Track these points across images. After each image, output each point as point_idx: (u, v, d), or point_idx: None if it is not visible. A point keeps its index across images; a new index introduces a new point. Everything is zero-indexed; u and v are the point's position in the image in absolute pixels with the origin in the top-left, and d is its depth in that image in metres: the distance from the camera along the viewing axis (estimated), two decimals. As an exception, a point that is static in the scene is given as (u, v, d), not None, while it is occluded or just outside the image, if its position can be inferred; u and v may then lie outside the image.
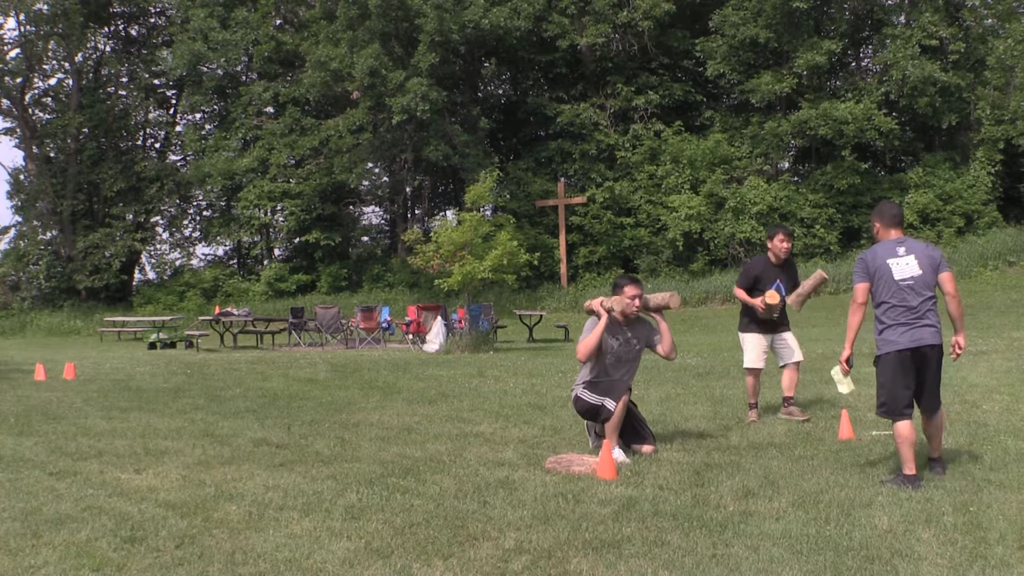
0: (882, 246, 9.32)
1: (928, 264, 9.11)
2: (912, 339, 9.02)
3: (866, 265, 9.26)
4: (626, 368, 10.70)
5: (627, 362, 10.72)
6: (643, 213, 46.01)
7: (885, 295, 9.10)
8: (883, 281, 9.13)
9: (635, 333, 10.79)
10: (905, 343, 9.02)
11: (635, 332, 10.80)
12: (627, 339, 10.68)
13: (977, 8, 46.00)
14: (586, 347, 10.52)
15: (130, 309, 49.35)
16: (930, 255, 9.21)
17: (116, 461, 10.63)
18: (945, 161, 45.04)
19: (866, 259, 9.30)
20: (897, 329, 9.05)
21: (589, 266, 46.43)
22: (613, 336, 10.62)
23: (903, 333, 9.03)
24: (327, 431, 12.45)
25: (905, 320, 9.04)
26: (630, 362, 10.77)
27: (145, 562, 7.00)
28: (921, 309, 9.04)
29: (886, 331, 9.12)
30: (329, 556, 7.02)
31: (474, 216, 28.61)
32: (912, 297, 9.04)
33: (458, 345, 26.49)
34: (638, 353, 10.88)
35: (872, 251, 9.35)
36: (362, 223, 56.95)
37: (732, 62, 46.04)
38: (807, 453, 10.27)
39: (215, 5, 50.15)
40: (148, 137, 58.30)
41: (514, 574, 6.62)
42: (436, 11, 42.27)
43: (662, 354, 10.90)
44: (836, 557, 6.75)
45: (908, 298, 9.04)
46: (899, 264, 9.11)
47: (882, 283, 9.13)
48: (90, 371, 21.81)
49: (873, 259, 9.25)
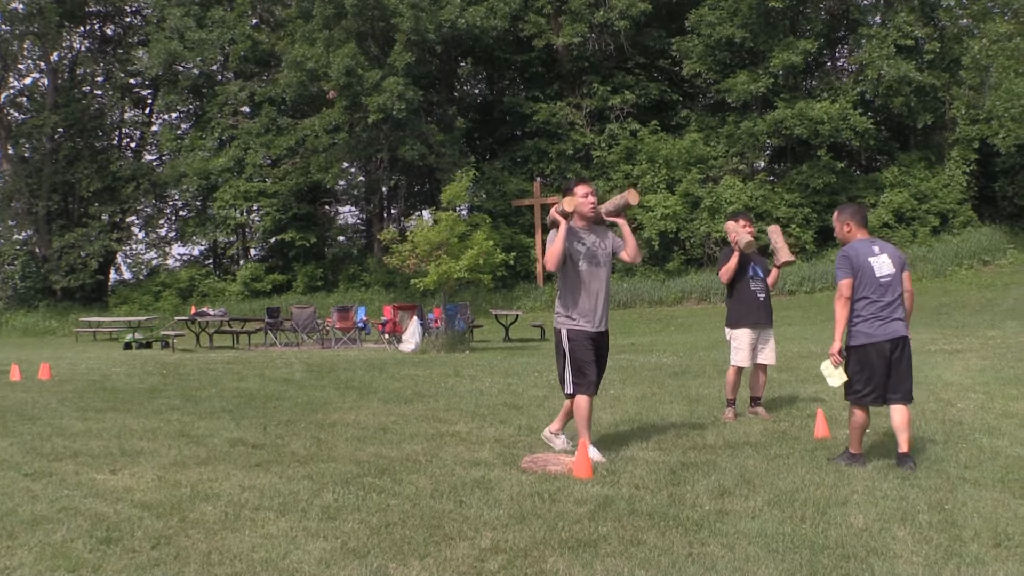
0: (860, 244, 9.79)
1: (898, 264, 9.73)
2: (887, 332, 9.56)
3: (851, 262, 9.69)
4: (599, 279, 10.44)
5: (598, 267, 10.44)
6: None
7: (866, 290, 9.61)
8: (865, 277, 9.62)
9: (598, 237, 10.59)
10: (881, 336, 9.55)
11: (598, 236, 10.59)
12: (591, 244, 10.48)
13: (952, 8, 46.15)
14: (552, 254, 10.27)
15: (106, 309, 49.21)
16: (898, 255, 9.85)
17: (92, 462, 10.59)
18: (920, 160, 45.23)
19: (850, 256, 9.73)
20: (874, 323, 9.57)
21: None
22: (578, 241, 10.43)
23: (880, 326, 9.56)
24: (303, 431, 12.43)
25: (881, 314, 9.57)
26: (600, 267, 10.47)
27: (121, 563, 6.98)
28: (894, 304, 9.61)
29: (862, 324, 9.63)
30: (305, 556, 7.00)
31: (450, 216, 28.61)
32: (888, 293, 9.59)
33: (434, 345, 26.47)
34: (607, 258, 10.58)
35: (853, 248, 9.79)
36: (338, 223, 56.97)
37: (708, 62, 46.17)
38: (783, 452, 10.29)
39: (191, 4, 49.95)
40: (124, 137, 58.22)
41: (490, 573, 6.62)
42: (412, 10, 42.20)
43: (627, 259, 10.68)
44: (812, 555, 6.76)
45: (885, 294, 9.58)
46: (877, 262, 9.63)
47: (864, 279, 9.62)
48: (66, 371, 21.75)
49: (856, 256, 9.69)
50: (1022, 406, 12.67)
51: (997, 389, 14.10)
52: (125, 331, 36.06)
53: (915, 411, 12.38)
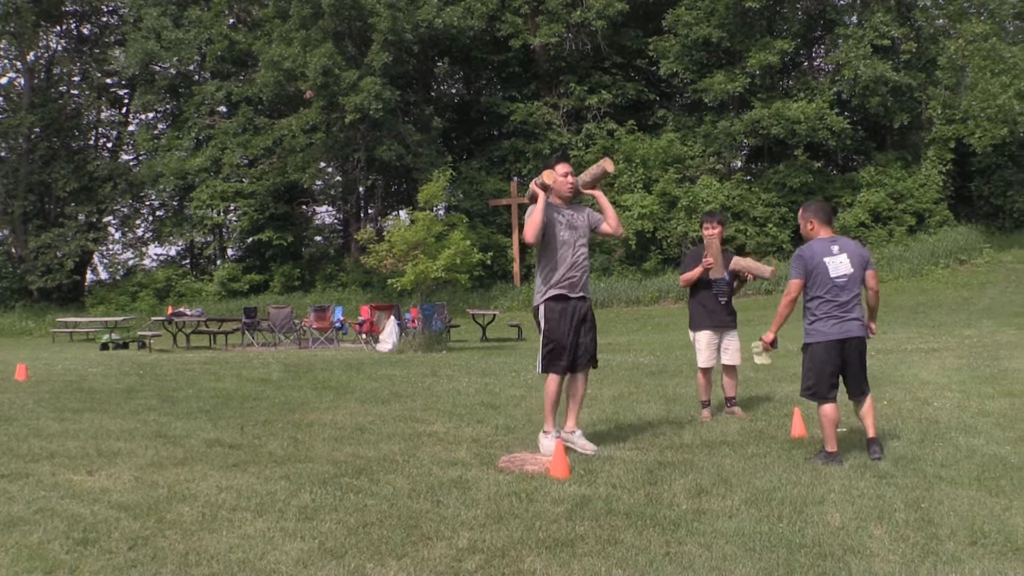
0: (818, 243, 9.93)
1: (859, 263, 9.84)
2: (841, 331, 9.73)
3: (804, 263, 9.88)
4: (578, 248, 10.44)
5: (577, 236, 10.44)
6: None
7: (820, 290, 9.78)
8: (819, 278, 9.79)
9: (576, 212, 10.63)
10: (835, 334, 9.73)
11: (576, 211, 10.63)
12: (571, 216, 10.51)
13: (928, 8, 46.34)
14: (531, 225, 10.24)
15: (82, 309, 49.09)
16: (860, 254, 9.94)
17: (68, 463, 10.55)
18: (897, 160, 45.41)
19: (804, 257, 9.91)
20: (828, 321, 9.74)
21: (542, 266, 46.29)
22: (557, 213, 10.44)
23: (833, 325, 9.73)
24: (280, 431, 12.41)
25: (836, 314, 9.74)
26: (579, 236, 10.47)
27: (98, 564, 6.95)
28: (850, 304, 9.74)
29: (817, 322, 9.82)
30: (283, 557, 6.99)
31: (427, 215, 28.58)
32: (843, 293, 9.73)
33: (411, 345, 26.45)
34: (586, 231, 10.58)
35: (809, 248, 9.97)
36: (315, 223, 56.96)
37: (685, 61, 46.28)
38: (760, 451, 10.30)
39: (168, 4, 49.99)
40: (100, 136, 58.15)
41: (468, 573, 6.61)
42: (389, 10, 42.22)
43: (609, 231, 10.71)
44: (789, 554, 6.77)
45: (840, 294, 9.73)
46: (834, 262, 9.76)
47: (818, 279, 9.80)
48: (42, 372, 21.67)
49: (811, 257, 9.86)
50: (998, 404, 12.71)
51: (973, 388, 14.15)
52: (102, 331, 35.99)
53: (892, 409, 12.45)
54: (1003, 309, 31.12)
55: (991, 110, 40.13)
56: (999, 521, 7.47)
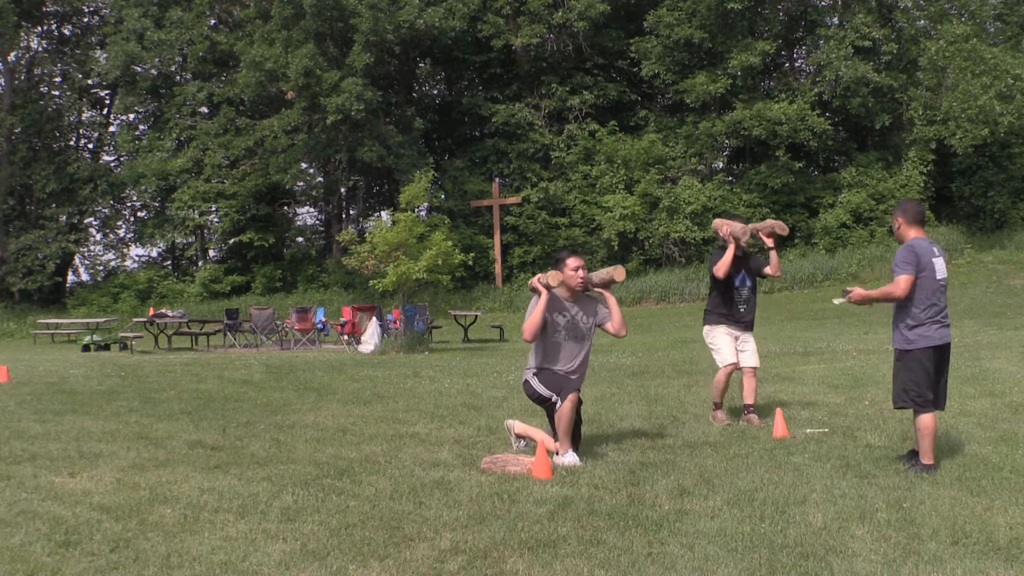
0: (923, 242, 9.32)
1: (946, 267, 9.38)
2: (942, 337, 9.27)
3: (918, 259, 9.20)
4: (578, 349, 10.34)
5: (578, 341, 10.34)
6: (578, 213, 46.25)
7: (927, 293, 9.21)
8: (928, 279, 9.19)
9: (582, 309, 10.39)
10: (938, 340, 9.23)
11: (582, 308, 10.40)
12: (574, 316, 10.30)
13: (909, 10, 46.54)
14: (530, 325, 10.11)
15: (64, 311, 48.89)
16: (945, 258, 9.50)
17: (50, 465, 10.53)
18: (878, 161, 45.55)
19: (918, 252, 9.24)
20: (932, 327, 9.20)
21: (524, 266, 46.40)
22: (559, 312, 10.28)
23: (937, 330, 9.23)
24: (262, 433, 12.39)
25: (939, 318, 9.23)
26: (581, 341, 10.36)
27: (80, 566, 6.94)
28: (946, 309, 9.30)
29: (920, 327, 9.21)
30: (265, 558, 6.98)
31: (409, 216, 28.53)
32: (943, 297, 9.27)
33: (393, 346, 26.43)
34: (589, 331, 10.45)
35: (919, 245, 9.28)
36: (297, 224, 56.78)
37: (667, 62, 46.34)
38: (742, 451, 10.31)
39: (149, 5, 49.72)
40: (81, 138, 57.84)
41: (450, 574, 6.61)
42: (371, 11, 42.20)
43: (612, 331, 10.48)
44: (771, 554, 6.79)
45: (942, 298, 9.25)
46: (938, 264, 9.25)
47: (925, 281, 9.18)
48: (23, 374, 21.58)
49: (923, 254, 9.22)
50: (979, 405, 12.76)
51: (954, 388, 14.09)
52: (83, 333, 35.85)
53: (873, 410, 12.50)
54: (984, 309, 31.23)
55: (972, 111, 40.25)
56: (980, 521, 7.50)
